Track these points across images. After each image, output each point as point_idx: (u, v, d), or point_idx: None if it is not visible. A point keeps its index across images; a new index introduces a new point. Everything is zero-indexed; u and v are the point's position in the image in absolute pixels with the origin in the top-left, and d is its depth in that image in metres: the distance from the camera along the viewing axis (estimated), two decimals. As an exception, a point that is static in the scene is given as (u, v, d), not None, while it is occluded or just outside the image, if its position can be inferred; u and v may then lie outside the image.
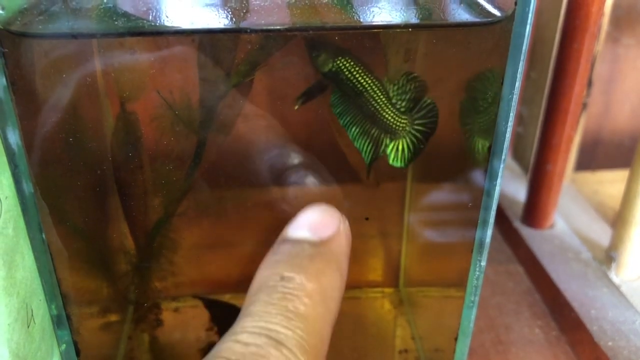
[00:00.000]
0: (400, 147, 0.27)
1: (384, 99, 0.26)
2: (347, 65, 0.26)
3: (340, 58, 0.26)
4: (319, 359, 0.20)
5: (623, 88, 0.57)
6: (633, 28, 0.54)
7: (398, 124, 0.27)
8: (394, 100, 0.26)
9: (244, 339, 0.19)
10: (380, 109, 0.26)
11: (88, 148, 0.27)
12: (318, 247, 0.22)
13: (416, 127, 0.27)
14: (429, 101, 0.27)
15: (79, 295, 0.28)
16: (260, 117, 0.29)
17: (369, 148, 0.28)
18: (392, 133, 0.27)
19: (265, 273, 0.22)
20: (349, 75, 0.26)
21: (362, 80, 0.26)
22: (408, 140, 0.27)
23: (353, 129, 0.27)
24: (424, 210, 0.33)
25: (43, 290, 0.26)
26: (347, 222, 0.24)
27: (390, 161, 0.28)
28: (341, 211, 0.24)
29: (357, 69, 0.26)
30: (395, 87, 0.26)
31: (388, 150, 0.28)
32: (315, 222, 0.23)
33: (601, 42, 0.47)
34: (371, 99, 0.26)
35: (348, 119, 0.27)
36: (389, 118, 0.27)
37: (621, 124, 0.59)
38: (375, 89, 0.26)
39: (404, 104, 0.27)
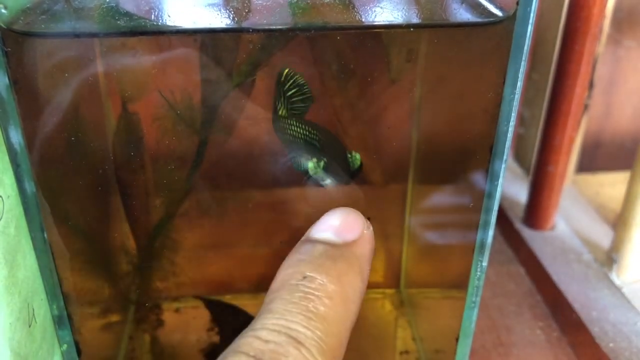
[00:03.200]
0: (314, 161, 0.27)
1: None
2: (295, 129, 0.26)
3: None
4: None
5: (624, 90, 0.57)
6: (634, 30, 0.54)
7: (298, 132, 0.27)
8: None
9: (264, 335, 0.19)
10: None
11: (90, 148, 0.27)
12: (341, 249, 0.22)
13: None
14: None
15: (80, 295, 0.28)
16: (262, 116, 0.29)
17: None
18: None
19: (288, 271, 0.22)
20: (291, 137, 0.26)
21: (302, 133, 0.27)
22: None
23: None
24: (425, 211, 0.33)
25: (44, 290, 0.26)
26: (371, 228, 0.24)
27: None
28: None
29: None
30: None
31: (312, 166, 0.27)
32: (339, 225, 0.23)
33: (602, 44, 0.47)
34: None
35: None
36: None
37: (622, 126, 0.59)
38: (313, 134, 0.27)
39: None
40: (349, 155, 0.26)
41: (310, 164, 0.26)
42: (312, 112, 0.29)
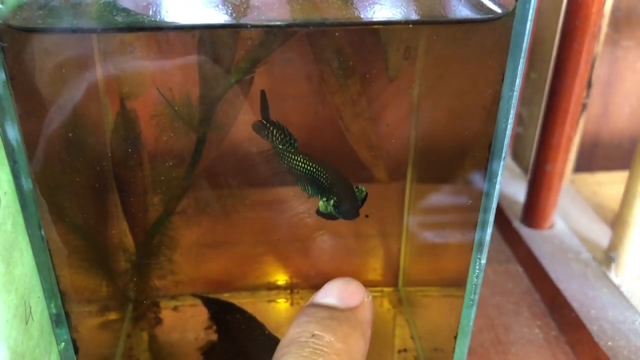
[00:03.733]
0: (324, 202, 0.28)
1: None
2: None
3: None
4: None
5: (622, 90, 0.57)
6: (632, 30, 0.54)
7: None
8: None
9: None
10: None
11: (87, 144, 0.27)
12: (346, 313, 0.24)
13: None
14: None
15: (78, 293, 0.28)
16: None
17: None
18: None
19: (297, 330, 0.23)
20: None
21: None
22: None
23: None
24: (423, 210, 0.33)
25: (42, 288, 0.26)
26: (370, 296, 0.26)
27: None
28: None
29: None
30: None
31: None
32: (342, 292, 0.25)
33: (600, 44, 0.47)
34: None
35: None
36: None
37: (620, 125, 0.59)
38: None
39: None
40: (356, 189, 0.28)
41: (321, 204, 0.27)
42: (313, 109, 0.29)
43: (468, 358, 0.29)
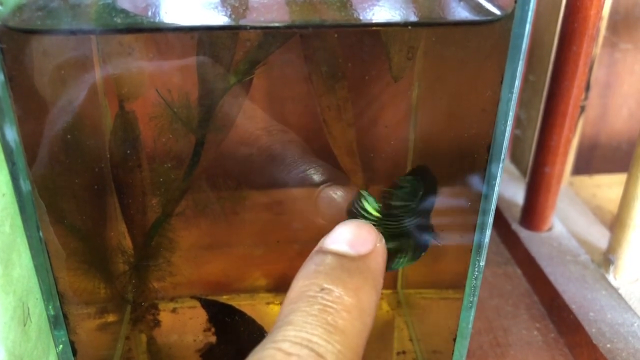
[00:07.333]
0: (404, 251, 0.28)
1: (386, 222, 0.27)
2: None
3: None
4: None
5: (620, 92, 0.57)
6: (630, 33, 0.54)
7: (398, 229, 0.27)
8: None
9: (286, 347, 0.19)
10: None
11: (86, 146, 0.27)
12: (357, 262, 0.23)
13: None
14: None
15: (76, 295, 0.28)
16: (260, 115, 0.28)
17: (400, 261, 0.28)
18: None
19: (305, 282, 0.22)
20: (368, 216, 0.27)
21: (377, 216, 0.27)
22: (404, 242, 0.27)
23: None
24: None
25: (40, 289, 0.26)
26: (383, 240, 0.24)
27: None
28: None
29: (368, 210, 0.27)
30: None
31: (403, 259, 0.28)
32: (353, 237, 0.23)
33: (599, 47, 0.47)
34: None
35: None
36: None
37: (619, 127, 0.59)
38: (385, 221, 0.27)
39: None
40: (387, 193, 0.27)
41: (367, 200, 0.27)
42: (312, 110, 0.29)
43: (467, 360, 0.29)
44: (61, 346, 0.27)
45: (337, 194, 0.29)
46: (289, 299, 0.22)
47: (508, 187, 0.50)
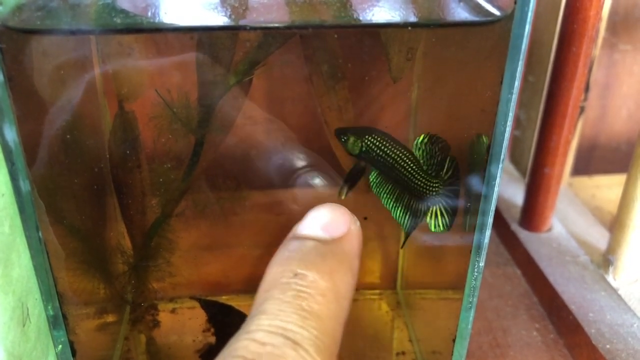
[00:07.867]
0: (438, 213, 0.28)
1: (414, 167, 0.27)
2: (375, 142, 0.27)
3: (367, 137, 0.26)
4: (332, 358, 0.20)
5: (620, 93, 0.57)
6: (630, 34, 0.54)
7: (431, 189, 0.27)
8: (424, 167, 0.27)
9: (260, 337, 0.19)
10: (413, 178, 0.27)
11: (85, 146, 0.27)
12: (330, 245, 0.22)
13: (448, 187, 0.27)
14: (452, 159, 0.27)
15: (75, 295, 0.28)
16: (259, 117, 0.28)
17: (407, 220, 0.28)
18: (428, 200, 0.27)
19: (278, 269, 0.21)
20: (378, 151, 0.26)
21: (391, 153, 0.27)
22: (443, 204, 0.27)
23: (392, 204, 0.27)
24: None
25: (39, 290, 0.25)
26: (358, 222, 0.24)
27: (433, 228, 0.28)
28: None
29: (384, 143, 0.26)
30: (422, 152, 0.27)
31: (427, 219, 0.28)
32: (326, 221, 0.23)
33: (598, 48, 0.47)
34: (403, 170, 0.27)
35: (386, 195, 0.27)
36: (423, 185, 0.27)
37: (618, 128, 0.59)
38: (405, 159, 0.27)
39: (433, 167, 0.27)
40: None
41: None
42: (311, 110, 0.29)
43: (466, 361, 0.29)
44: (60, 346, 0.27)
45: (314, 181, 0.29)
46: (262, 288, 0.21)
47: (507, 187, 0.50)
